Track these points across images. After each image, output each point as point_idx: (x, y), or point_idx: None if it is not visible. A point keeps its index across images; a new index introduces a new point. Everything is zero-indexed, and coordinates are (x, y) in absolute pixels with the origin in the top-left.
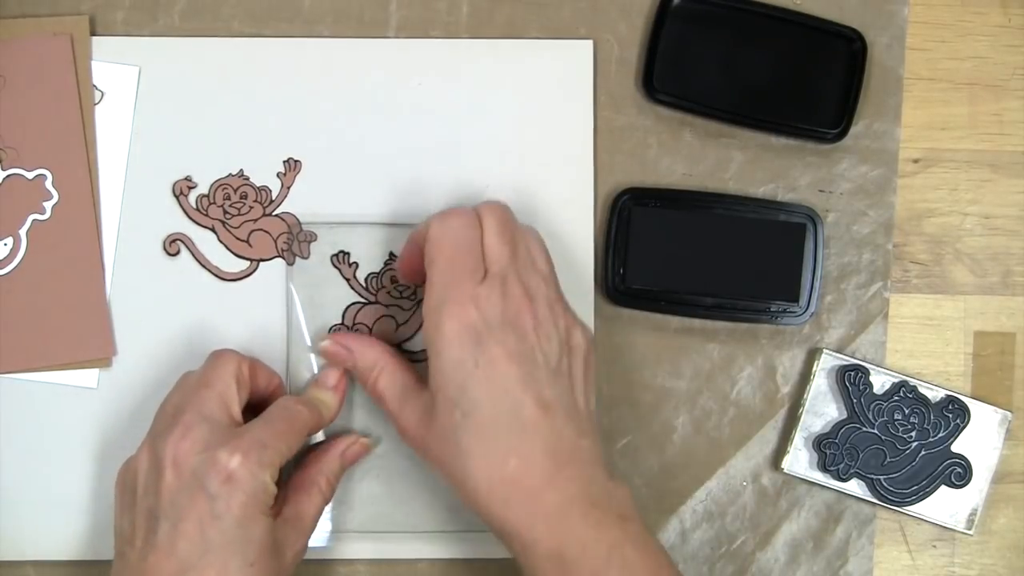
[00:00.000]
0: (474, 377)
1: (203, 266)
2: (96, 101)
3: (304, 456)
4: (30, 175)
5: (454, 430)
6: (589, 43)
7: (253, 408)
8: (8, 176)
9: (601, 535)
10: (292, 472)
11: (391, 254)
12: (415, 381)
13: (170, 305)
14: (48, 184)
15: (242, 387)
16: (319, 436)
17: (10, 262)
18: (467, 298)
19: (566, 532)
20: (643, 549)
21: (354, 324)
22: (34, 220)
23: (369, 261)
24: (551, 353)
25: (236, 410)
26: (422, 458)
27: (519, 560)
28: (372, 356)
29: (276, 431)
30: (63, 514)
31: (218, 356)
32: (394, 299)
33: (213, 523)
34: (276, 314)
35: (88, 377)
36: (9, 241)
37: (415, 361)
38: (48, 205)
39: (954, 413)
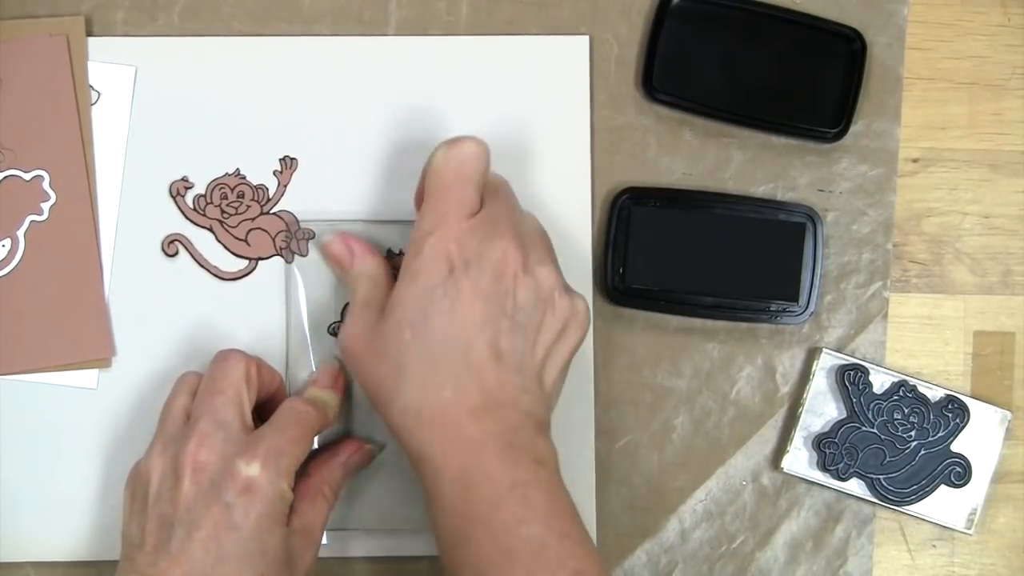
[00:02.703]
0: (437, 304)
1: (202, 266)
2: (92, 102)
3: (306, 464)
4: (27, 176)
5: (399, 348)
6: (585, 39)
7: (255, 407)
8: (5, 177)
9: (509, 471)
10: (296, 481)
11: (389, 251)
12: (386, 301)
13: (169, 305)
14: (45, 185)
15: (251, 389)
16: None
17: (8, 263)
18: (452, 231)
19: (475, 462)
20: (548, 491)
21: None
22: (32, 221)
23: None
24: (523, 304)
25: (248, 414)
26: (352, 368)
27: (425, 485)
28: (368, 265)
29: (290, 436)
30: (63, 515)
31: (226, 358)
32: None
33: (229, 533)
34: (275, 313)
35: (88, 378)
36: (7, 242)
37: None
38: (46, 206)
39: (954, 413)
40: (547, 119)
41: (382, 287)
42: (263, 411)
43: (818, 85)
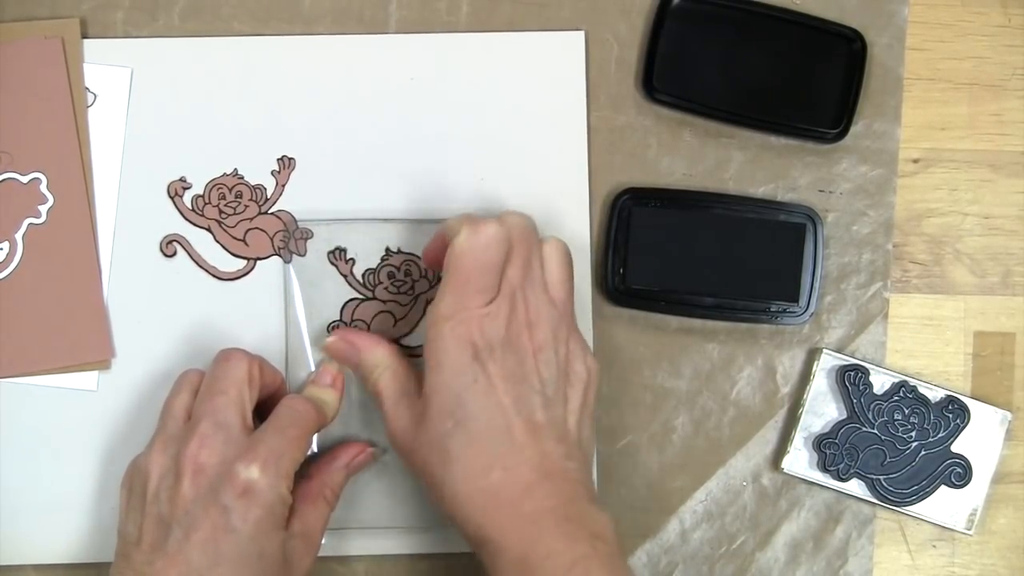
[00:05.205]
0: (471, 391)
1: (200, 266)
2: (89, 104)
3: (307, 466)
4: (25, 179)
5: (444, 437)
6: (580, 34)
7: (255, 405)
8: (3, 180)
9: (568, 547)
10: (297, 483)
11: (387, 249)
12: (414, 385)
13: (168, 306)
14: (43, 188)
15: (253, 388)
16: (312, 445)
17: (6, 267)
18: (473, 316)
19: (535, 540)
20: (609, 566)
21: (352, 320)
22: (30, 224)
23: (366, 257)
24: (548, 379)
25: (249, 414)
26: (404, 461)
27: (487, 565)
28: (378, 355)
29: (289, 438)
30: (63, 517)
31: (228, 358)
32: (392, 295)
33: (227, 536)
34: (274, 312)
35: (87, 380)
36: (5, 246)
37: (413, 356)
38: (44, 209)
39: (954, 413)
40: (544, 115)
41: (402, 374)
42: (263, 409)
43: (818, 85)
